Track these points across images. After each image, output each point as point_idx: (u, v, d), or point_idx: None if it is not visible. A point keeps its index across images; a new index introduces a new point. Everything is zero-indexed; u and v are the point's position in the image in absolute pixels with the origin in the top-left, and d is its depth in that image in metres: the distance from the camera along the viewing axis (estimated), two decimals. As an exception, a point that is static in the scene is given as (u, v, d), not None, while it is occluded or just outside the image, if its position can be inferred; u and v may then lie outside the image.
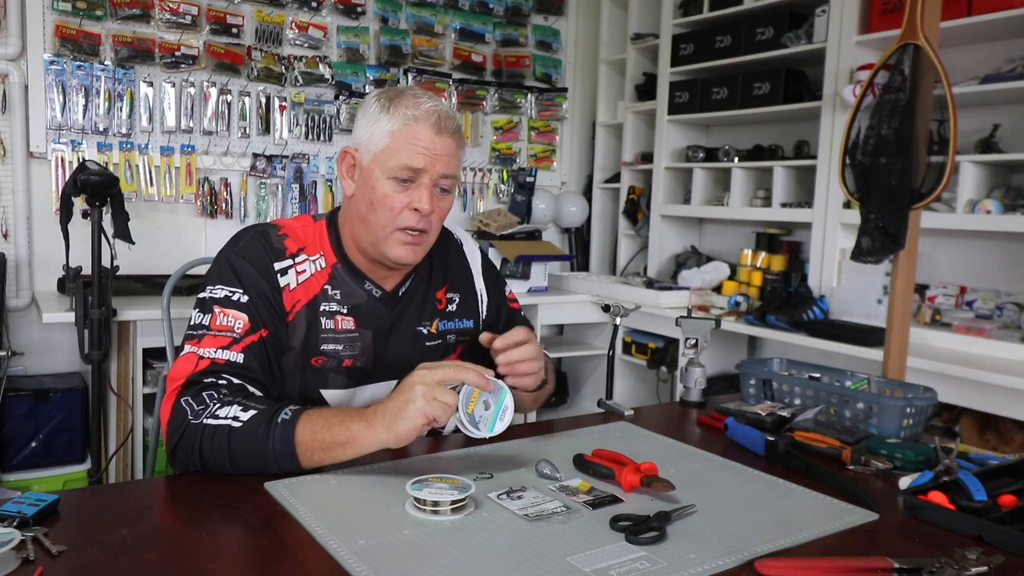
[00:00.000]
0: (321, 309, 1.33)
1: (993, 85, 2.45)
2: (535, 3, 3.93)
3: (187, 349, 1.22)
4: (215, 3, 3.19)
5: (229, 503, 1.03)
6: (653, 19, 3.73)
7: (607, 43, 4.03)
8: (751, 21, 3.20)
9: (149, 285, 2.86)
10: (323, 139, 3.46)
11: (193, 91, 3.17)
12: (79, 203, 2.48)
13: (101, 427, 2.57)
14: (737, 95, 3.24)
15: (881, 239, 1.80)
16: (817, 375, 1.60)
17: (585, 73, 4.15)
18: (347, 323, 1.34)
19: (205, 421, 1.13)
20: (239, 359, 1.21)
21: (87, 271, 2.45)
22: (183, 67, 3.14)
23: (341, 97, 3.47)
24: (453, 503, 0.99)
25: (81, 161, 2.57)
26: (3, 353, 2.75)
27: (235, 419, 1.12)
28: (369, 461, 1.15)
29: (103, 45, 3.00)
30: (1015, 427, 2.27)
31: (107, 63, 3.01)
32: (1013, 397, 2.15)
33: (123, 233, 2.46)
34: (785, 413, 1.44)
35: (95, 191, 2.38)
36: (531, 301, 3.34)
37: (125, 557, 0.87)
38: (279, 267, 1.30)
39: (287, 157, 3.37)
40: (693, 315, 1.73)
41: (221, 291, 1.26)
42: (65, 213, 2.42)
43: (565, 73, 4.09)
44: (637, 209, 3.84)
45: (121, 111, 3.05)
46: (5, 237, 2.91)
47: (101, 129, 3.02)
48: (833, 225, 2.90)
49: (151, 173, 3.10)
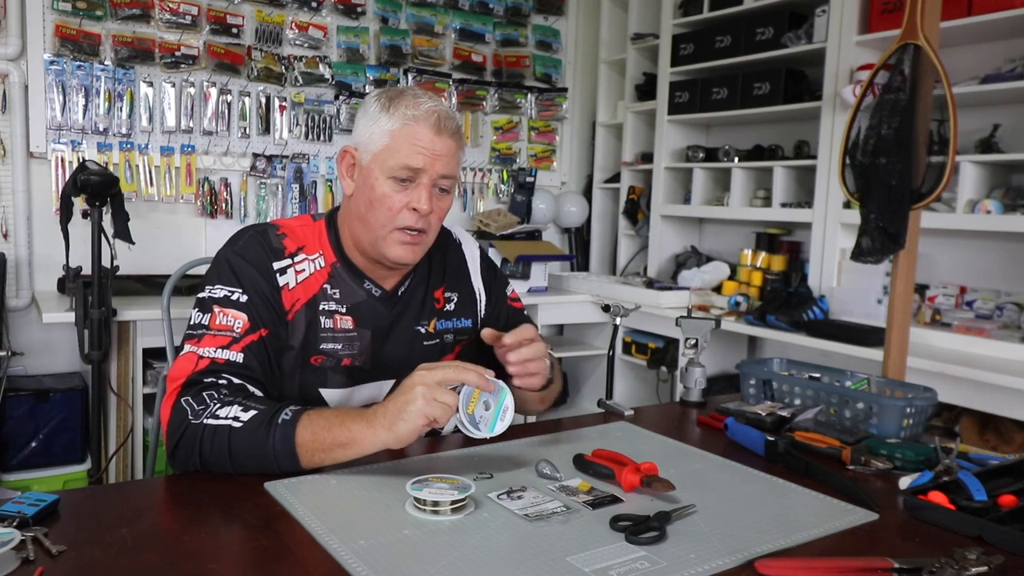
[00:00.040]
0: (320, 308, 1.33)
1: (993, 85, 2.45)
2: (535, 3, 3.93)
3: (187, 349, 1.22)
4: (215, 3, 3.19)
5: (229, 503, 1.03)
6: (653, 19, 3.73)
7: (607, 43, 4.03)
8: (751, 21, 3.20)
9: (149, 285, 2.86)
10: (323, 139, 3.46)
11: (193, 91, 3.17)
12: (79, 203, 2.48)
13: (101, 427, 2.57)
14: (737, 95, 3.24)
15: (881, 239, 1.80)
16: (817, 375, 1.60)
17: (585, 73, 4.15)
18: (346, 322, 1.34)
19: (205, 421, 1.13)
20: (239, 359, 1.21)
21: (87, 271, 2.45)
22: (183, 67, 3.14)
23: (341, 97, 3.47)
24: (453, 503, 0.99)
25: (81, 161, 2.57)
26: (3, 353, 2.75)
27: (235, 419, 1.12)
28: (369, 461, 1.15)
29: (103, 45, 3.00)
30: (1015, 427, 2.27)
31: (107, 63, 3.01)
32: (1013, 397, 2.15)
33: (123, 233, 2.46)
34: (785, 413, 1.44)
35: (95, 191, 2.38)
36: (531, 301, 3.34)
37: (125, 557, 0.87)
38: (278, 266, 1.30)
39: (287, 157, 3.37)
40: (693, 315, 1.73)
41: (220, 291, 1.26)
42: (65, 213, 2.42)
43: (565, 73, 4.09)
44: (637, 209, 3.84)
45: (121, 111, 3.05)
46: (5, 237, 2.91)
47: (101, 129, 3.02)
48: (833, 225, 2.90)
49: (151, 173, 3.10)
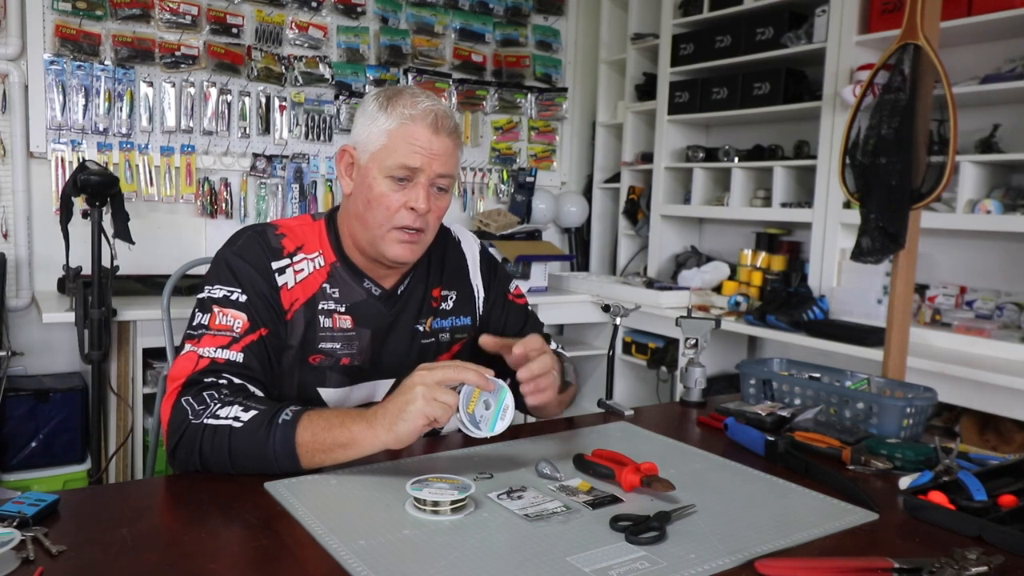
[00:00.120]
0: (319, 308, 1.33)
1: (993, 85, 2.45)
2: (535, 3, 3.93)
3: (187, 348, 1.23)
4: (215, 3, 3.19)
5: (229, 503, 1.03)
6: (653, 19, 3.73)
7: (607, 43, 4.03)
8: (751, 21, 3.20)
9: (149, 285, 2.86)
10: (323, 139, 3.46)
11: (193, 91, 3.17)
12: (79, 203, 2.48)
13: (101, 427, 2.57)
14: (737, 95, 3.24)
15: (881, 239, 1.80)
16: (817, 375, 1.60)
17: (585, 73, 4.15)
18: (345, 322, 1.34)
19: (206, 421, 1.13)
20: (239, 358, 1.22)
21: (87, 271, 2.45)
22: (183, 67, 3.14)
23: (341, 97, 3.47)
24: (453, 503, 0.99)
25: (81, 161, 2.56)
26: (3, 353, 2.74)
27: (236, 419, 1.12)
28: (369, 461, 1.15)
29: (103, 45, 3.00)
30: (1015, 427, 2.27)
31: (107, 63, 3.01)
32: (1013, 397, 2.15)
33: (123, 233, 2.46)
34: (785, 413, 1.44)
35: (95, 191, 2.38)
36: (531, 301, 3.30)
37: (125, 557, 0.87)
38: (276, 266, 1.31)
39: (287, 157, 3.37)
40: (693, 315, 1.73)
41: (220, 291, 1.27)
42: (65, 213, 2.42)
43: (565, 73, 4.08)
44: (637, 209, 3.83)
45: (121, 111, 3.05)
46: (5, 237, 2.91)
47: (101, 129, 3.02)
48: (833, 225, 2.90)
49: (151, 173, 3.10)
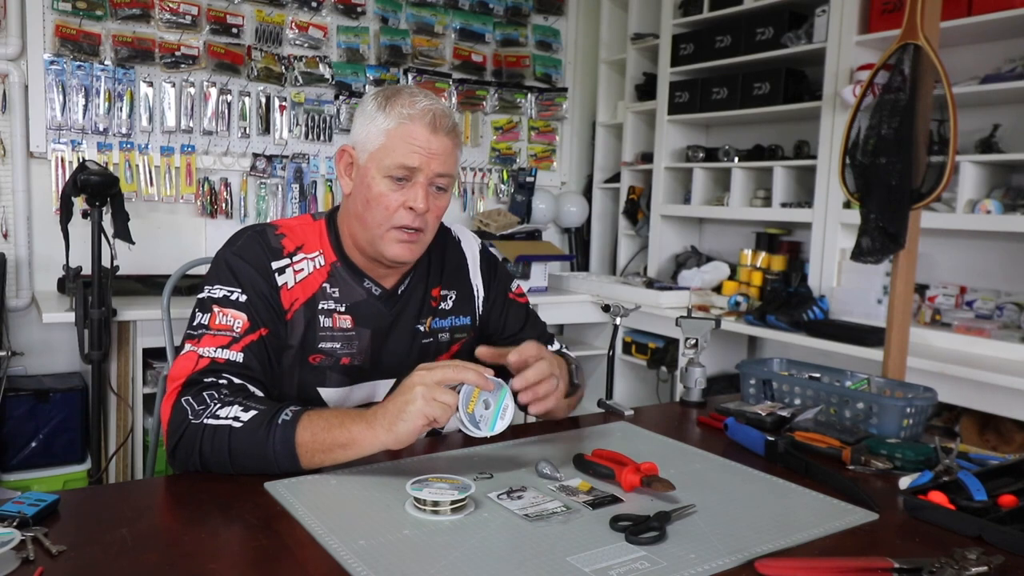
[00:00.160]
0: (319, 307, 1.33)
1: (993, 85, 2.45)
2: (535, 3, 3.93)
3: (187, 348, 1.23)
4: (215, 3, 3.19)
5: (229, 503, 1.03)
6: (653, 19, 3.73)
7: (607, 43, 4.03)
8: (751, 21, 3.20)
9: (149, 285, 2.86)
10: (323, 139, 3.46)
11: (193, 91, 3.17)
12: (79, 203, 2.48)
13: (101, 427, 2.57)
14: (737, 95, 3.24)
15: (881, 239, 1.80)
16: (817, 375, 1.60)
17: (585, 73, 4.15)
18: (344, 322, 1.34)
19: (205, 421, 1.13)
20: (239, 358, 1.22)
21: (87, 271, 2.45)
22: (183, 67, 3.14)
23: (341, 97, 3.47)
24: (453, 503, 0.99)
25: (81, 161, 2.56)
26: (3, 353, 2.74)
27: (236, 419, 1.12)
28: (369, 461, 1.15)
29: (103, 45, 3.00)
30: (1015, 427, 2.27)
31: (107, 63, 3.01)
32: (1013, 397, 2.14)
33: (123, 233, 2.46)
34: (785, 413, 1.44)
35: (95, 191, 2.38)
36: (531, 301, 3.32)
37: (125, 557, 0.87)
38: (276, 266, 1.31)
39: (287, 157, 3.37)
40: (693, 315, 1.73)
41: (219, 291, 1.27)
42: (65, 213, 2.42)
43: (565, 73, 4.08)
44: (637, 209, 3.83)
45: (121, 111, 3.05)
46: (5, 237, 2.91)
47: (101, 129, 3.02)
48: (833, 225, 2.90)
49: (151, 173, 3.10)
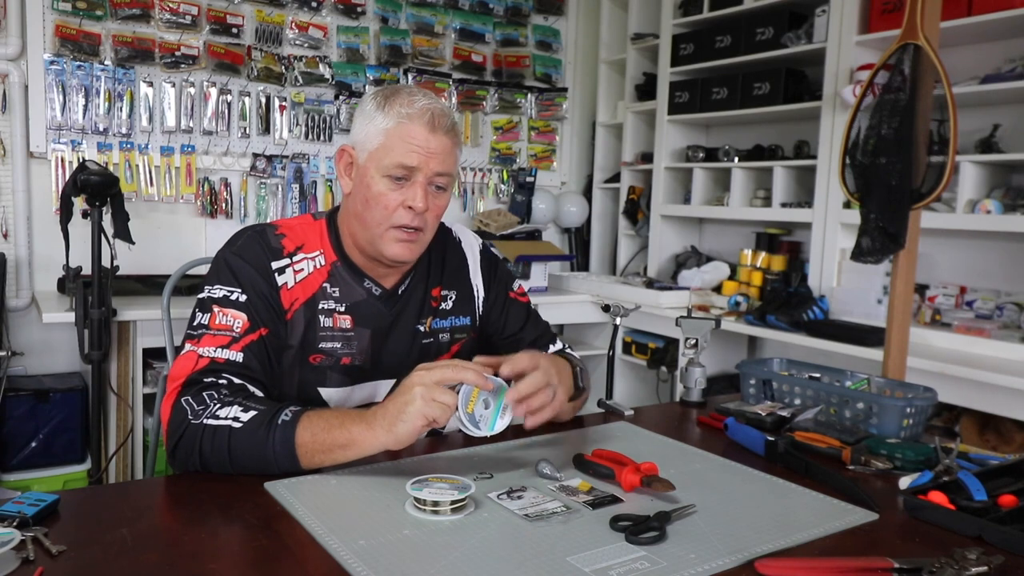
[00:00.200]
0: (320, 307, 1.33)
1: (993, 85, 2.45)
2: (535, 3, 3.93)
3: (187, 348, 1.23)
4: (215, 3, 3.19)
5: (229, 503, 1.03)
6: (653, 19, 3.73)
7: (607, 43, 4.03)
8: (751, 21, 3.20)
9: (149, 285, 2.86)
10: (323, 139, 3.46)
11: (193, 91, 3.17)
12: (79, 203, 2.48)
13: (101, 427, 2.57)
14: (737, 95, 3.24)
15: (881, 239, 1.80)
16: (817, 375, 1.60)
17: (585, 73, 4.15)
18: (344, 322, 1.34)
19: (205, 421, 1.13)
20: (238, 358, 1.22)
21: (87, 271, 2.44)
22: (183, 67, 3.14)
23: (341, 97, 3.47)
24: (453, 503, 0.99)
25: (81, 161, 2.56)
26: (3, 353, 2.74)
27: (235, 420, 1.12)
28: (369, 461, 1.15)
29: (103, 45, 3.00)
30: (1015, 427, 2.27)
31: (107, 63, 3.01)
32: (1013, 397, 2.14)
33: (123, 233, 2.46)
34: (785, 413, 1.44)
35: (95, 191, 2.38)
36: (531, 301, 3.33)
37: (125, 557, 0.87)
38: (276, 266, 1.31)
39: (287, 157, 3.37)
40: (693, 315, 1.73)
41: (219, 291, 1.27)
42: (65, 213, 2.42)
43: (565, 73, 4.08)
44: (637, 209, 3.83)
45: (121, 111, 3.05)
46: (5, 237, 2.91)
47: (101, 129, 3.02)
48: (833, 225, 2.90)
49: (151, 173, 3.10)
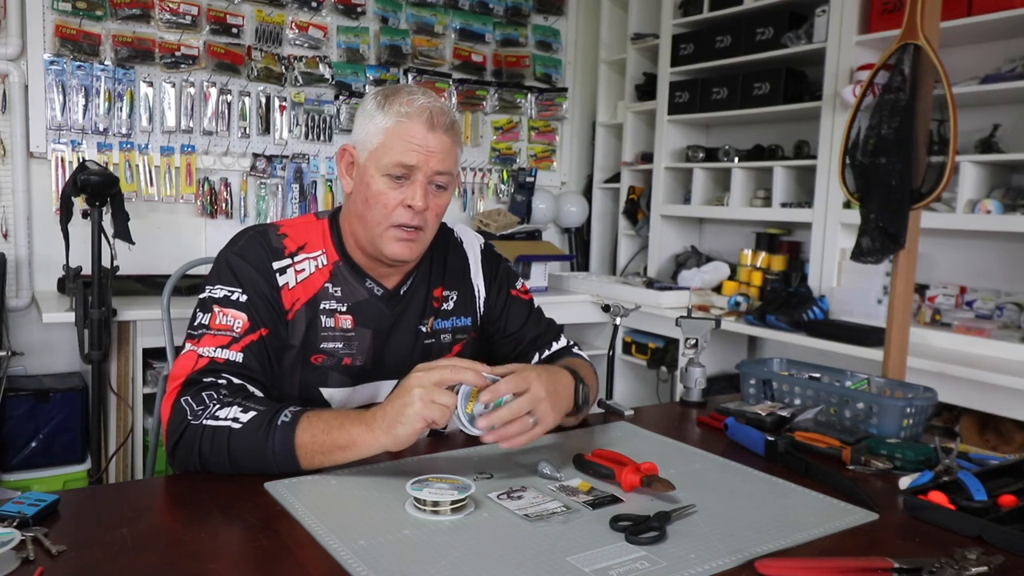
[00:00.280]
0: (321, 307, 1.33)
1: (993, 85, 2.45)
2: (535, 3, 3.93)
3: (187, 348, 1.23)
4: (215, 3, 3.19)
5: (229, 503, 1.03)
6: (653, 19, 3.73)
7: (607, 43, 4.03)
8: (751, 21, 3.20)
9: (149, 285, 2.86)
10: (323, 139, 3.46)
11: (193, 91, 3.17)
12: (79, 203, 2.48)
13: (101, 427, 2.57)
14: (737, 95, 3.24)
15: (881, 239, 1.80)
16: (817, 375, 1.60)
17: (585, 73, 4.15)
18: (346, 322, 1.34)
19: (205, 422, 1.13)
20: (238, 358, 1.22)
21: (87, 271, 2.44)
22: (183, 67, 3.14)
23: (341, 97, 3.47)
24: (453, 503, 0.99)
25: (81, 161, 2.56)
26: (3, 353, 2.74)
27: (235, 420, 1.12)
28: (369, 461, 1.15)
29: (103, 45, 3.00)
30: (1015, 427, 2.27)
31: (107, 63, 3.01)
32: (1013, 397, 2.14)
33: (123, 233, 2.46)
34: (785, 413, 1.44)
35: (95, 191, 2.38)
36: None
37: (125, 557, 0.87)
38: (277, 266, 1.31)
39: (287, 157, 3.37)
40: (693, 315, 1.73)
41: (220, 291, 1.27)
42: (65, 213, 2.42)
43: (565, 73, 4.08)
44: (637, 209, 3.83)
45: (121, 111, 3.05)
46: (5, 237, 2.91)
47: (101, 129, 3.02)
48: (833, 225, 2.90)
49: (151, 173, 3.10)
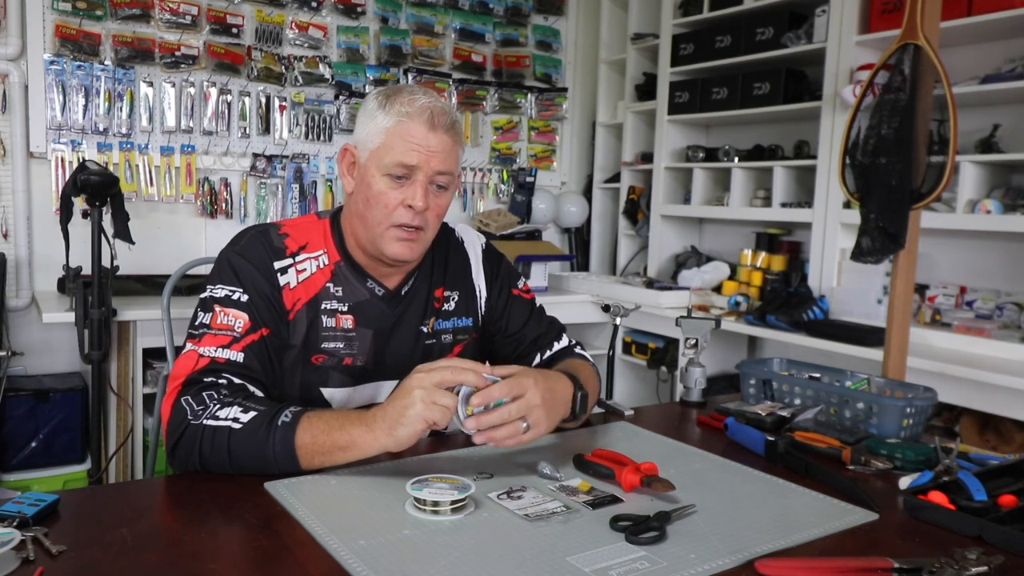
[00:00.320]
0: (322, 307, 1.33)
1: (993, 85, 2.45)
2: (535, 3, 3.93)
3: (188, 347, 1.23)
4: (215, 3, 3.19)
5: (229, 503, 1.03)
6: (653, 19, 3.73)
7: (607, 43, 4.03)
8: (751, 21, 3.20)
9: (149, 285, 2.86)
10: (323, 139, 3.46)
11: (193, 91, 3.17)
12: (79, 203, 2.48)
13: (101, 427, 2.57)
14: (737, 95, 3.24)
15: (881, 239, 1.80)
16: (817, 375, 1.60)
17: (585, 73, 4.15)
18: (347, 322, 1.34)
19: (205, 422, 1.13)
20: (239, 358, 1.22)
21: (87, 271, 2.44)
22: (183, 67, 3.14)
23: (341, 97, 3.47)
24: (453, 503, 0.99)
25: (81, 161, 2.56)
26: (3, 353, 2.74)
27: (235, 420, 1.11)
28: (369, 461, 1.15)
29: (103, 45, 3.00)
30: (1015, 427, 2.27)
31: (107, 63, 3.01)
32: (1013, 397, 2.14)
33: (123, 233, 2.46)
34: (785, 413, 1.44)
35: (95, 191, 2.38)
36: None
37: (125, 557, 0.87)
38: (279, 266, 1.31)
39: (287, 157, 3.37)
40: (693, 315, 1.73)
41: (221, 290, 1.27)
42: (65, 213, 2.42)
43: (565, 73, 4.08)
44: (637, 209, 3.83)
45: (121, 111, 3.05)
46: (5, 237, 2.91)
47: (101, 129, 3.02)
48: (833, 225, 2.90)
49: (151, 173, 3.10)
